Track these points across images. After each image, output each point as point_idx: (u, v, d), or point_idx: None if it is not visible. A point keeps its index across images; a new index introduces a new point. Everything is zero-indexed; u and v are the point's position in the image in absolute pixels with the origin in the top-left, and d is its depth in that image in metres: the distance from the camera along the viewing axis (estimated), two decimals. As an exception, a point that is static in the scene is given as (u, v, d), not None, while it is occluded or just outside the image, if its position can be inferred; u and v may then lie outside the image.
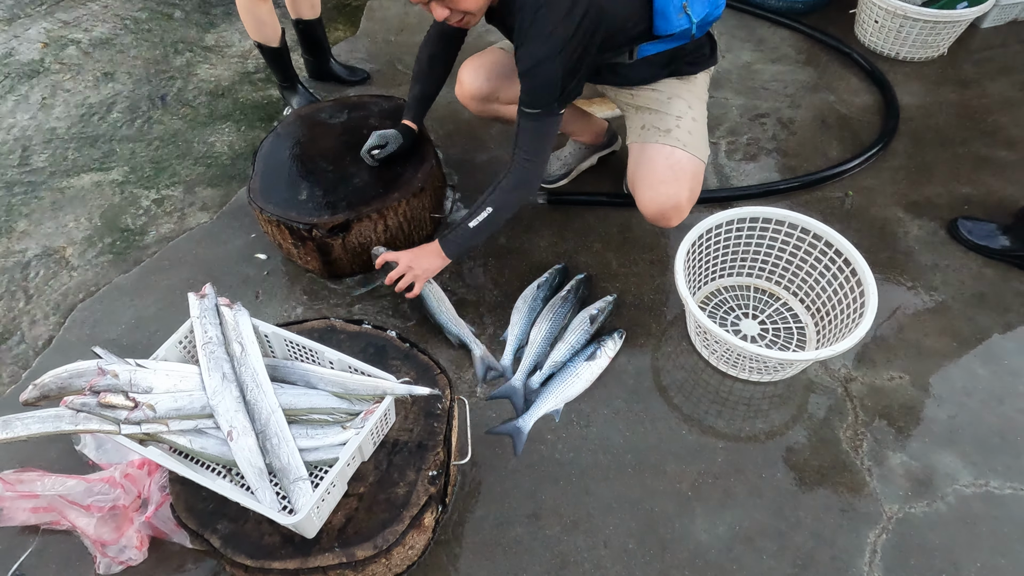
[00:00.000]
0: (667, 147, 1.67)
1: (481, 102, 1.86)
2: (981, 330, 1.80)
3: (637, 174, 1.71)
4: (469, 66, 1.84)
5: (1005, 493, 1.51)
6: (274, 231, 1.82)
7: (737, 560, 1.42)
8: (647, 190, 1.69)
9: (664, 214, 1.70)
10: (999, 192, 2.14)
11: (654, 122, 1.71)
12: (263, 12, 2.12)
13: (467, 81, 1.83)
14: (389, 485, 1.25)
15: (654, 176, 1.67)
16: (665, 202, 1.67)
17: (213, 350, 1.30)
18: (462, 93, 1.87)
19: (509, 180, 1.59)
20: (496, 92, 1.82)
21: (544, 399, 1.65)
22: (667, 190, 1.66)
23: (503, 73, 1.80)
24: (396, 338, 1.47)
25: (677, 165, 1.67)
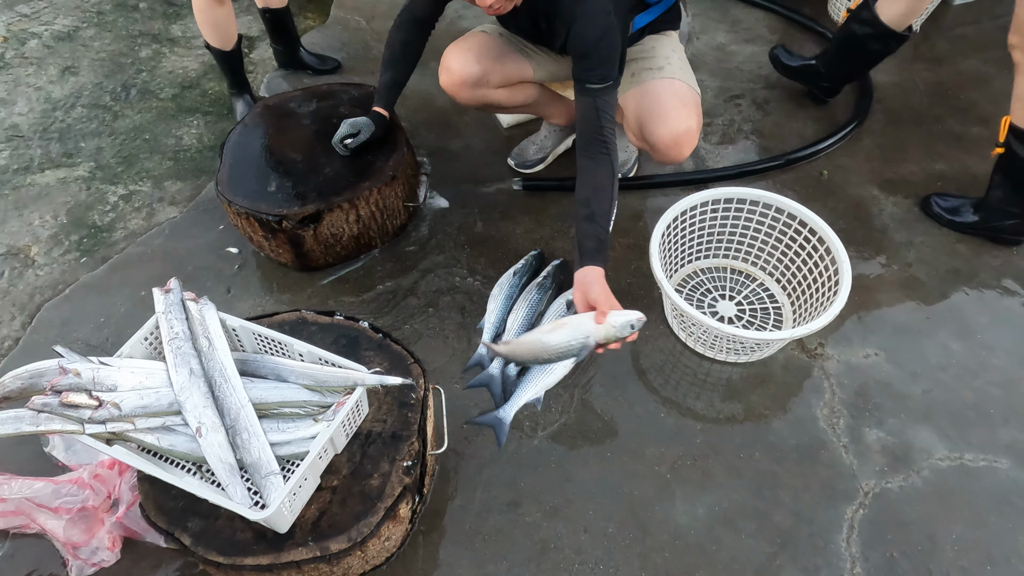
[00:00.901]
0: (666, 80, 1.68)
1: (472, 88, 1.77)
2: (955, 305, 1.81)
3: (642, 112, 1.69)
4: (455, 52, 1.76)
5: (979, 466, 1.52)
6: (244, 224, 1.79)
7: (717, 541, 1.42)
8: (657, 121, 1.66)
9: (678, 142, 1.67)
10: (973, 168, 2.14)
11: (644, 65, 1.72)
12: (220, 16, 2.05)
13: (456, 67, 1.75)
14: (363, 477, 1.23)
15: (662, 107, 1.66)
16: (677, 127, 1.65)
17: (180, 346, 1.27)
18: (450, 80, 1.78)
19: (616, 161, 1.48)
20: (487, 76, 1.75)
21: (524, 388, 1.62)
22: (678, 116, 1.65)
23: (492, 56, 1.75)
24: (369, 328, 1.45)
25: (681, 93, 1.67)
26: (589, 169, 1.47)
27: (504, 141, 2.28)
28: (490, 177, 2.16)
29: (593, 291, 1.41)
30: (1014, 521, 1.44)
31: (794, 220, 1.69)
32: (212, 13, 2.03)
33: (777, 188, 2.10)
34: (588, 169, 1.48)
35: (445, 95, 2.40)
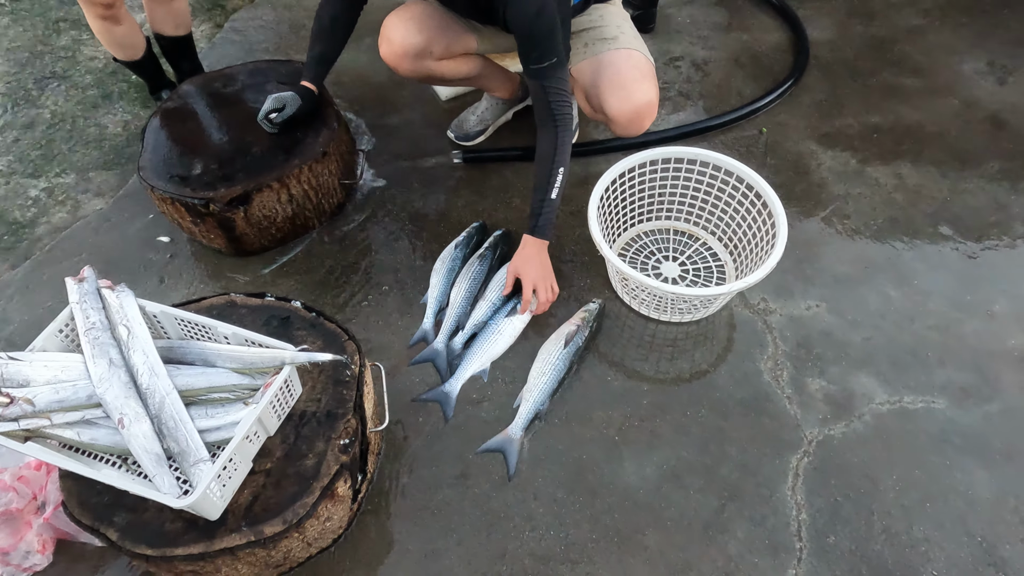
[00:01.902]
0: (623, 51, 1.65)
1: (414, 59, 1.69)
2: (892, 254, 1.83)
3: (601, 84, 1.65)
4: (396, 21, 1.67)
5: (918, 407, 1.55)
6: (171, 210, 1.72)
7: (666, 498, 1.43)
8: (618, 93, 1.63)
9: (639, 114, 1.65)
10: (907, 119, 2.17)
11: (597, 36, 1.68)
12: (119, 34, 1.93)
13: (397, 37, 1.66)
14: (297, 458, 1.20)
15: (621, 79, 1.63)
16: (639, 100, 1.63)
17: (97, 336, 1.22)
18: (391, 51, 1.69)
19: (564, 133, 1.51)
20: (430, 46, 1.68)
21: (469, 360, 1.61)
22: (639, 88, 1.63)
23: (434, 25, 1.68)
24: (301, 307, 1.41)
25: (639, 64, 1.65)
26: (538, 144, 1.54)
27: (444, 114, 2.23)
28: (430, 151, 2.12)
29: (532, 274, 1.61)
30: (951, 459, 1.47)
31: (731, 177, 1.69)
32: (111, 35, 1.91)
33: (718, 147, 2.09)
34: (538, 144, 1.54)
35: (381, 70, 2.36)
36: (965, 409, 1.54)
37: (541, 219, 1.59)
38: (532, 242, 1.62)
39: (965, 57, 2.37)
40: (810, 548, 1.36)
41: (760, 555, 1.35)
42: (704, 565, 1.34)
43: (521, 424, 1.51)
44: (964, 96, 2.24)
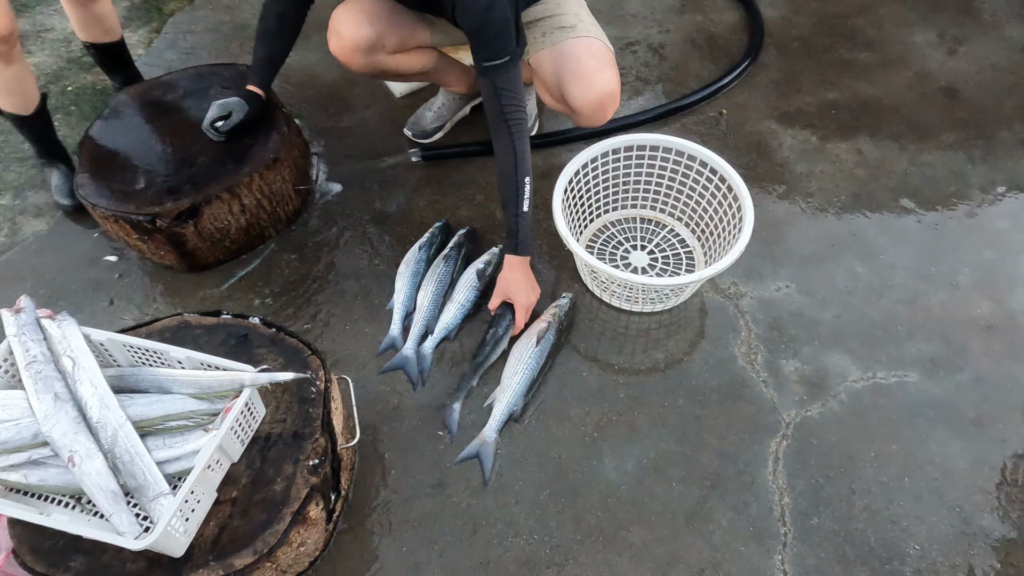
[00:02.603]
0: (583, 39, 1.61)
1: (366, 54, 1.61)
2: (857, 230, 1.84)
3: (562, 74, 1.60)
4: (345, 15, 1.58)
5: (891, 382, 1.56)
6: (115, 228, 1.63)
7: (648, 492, 1.41)
8: (580, 83, 1.59)
9: (603, 103, 1.62)
10: (863, 93, 2.18)
11: (555, 24, 1.64)
12: (10, 77, 1.63)
13: (347, 32, 1.58)
14: (264, 483, 1.14)
15: (582, 68, 1.59)
16: (602, 89, 1.59)
17: (39, 369, 1.14)
18: (341, 46, 1.60)
19: (520, 141, 1.44)
20: (382, 39, 1.60)
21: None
22: (601, 77, 1.59)
23: (385, 17, 1.60)
24: (260, 324, 1.35)
25: (600, 53, 1.61)
26: (496, 152, 1.48)
27: (399, 111, 2.16)
28: (387, 150, 2.05)
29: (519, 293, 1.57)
30: (926, 431, 1.48)
31: (695, 162, 1.67)
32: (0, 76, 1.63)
33: (679, 131, 2.08)
34: (496, 152, 1.47)
35: (331, 69, 2.28)
36: (936, 380, 1.56)
37: (520, 235, 1.52)
38: (515, 262, 1.56)
39: (916, 29, 2.39)
40: (794, 532, 1.36)
41: (745, 542, 1.35)
42: (690, 557, 1.33)
43: (495, 426, 1.47)
44: (917, 68, 2.25)
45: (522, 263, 1.58)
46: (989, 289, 1.71)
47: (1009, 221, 1.84)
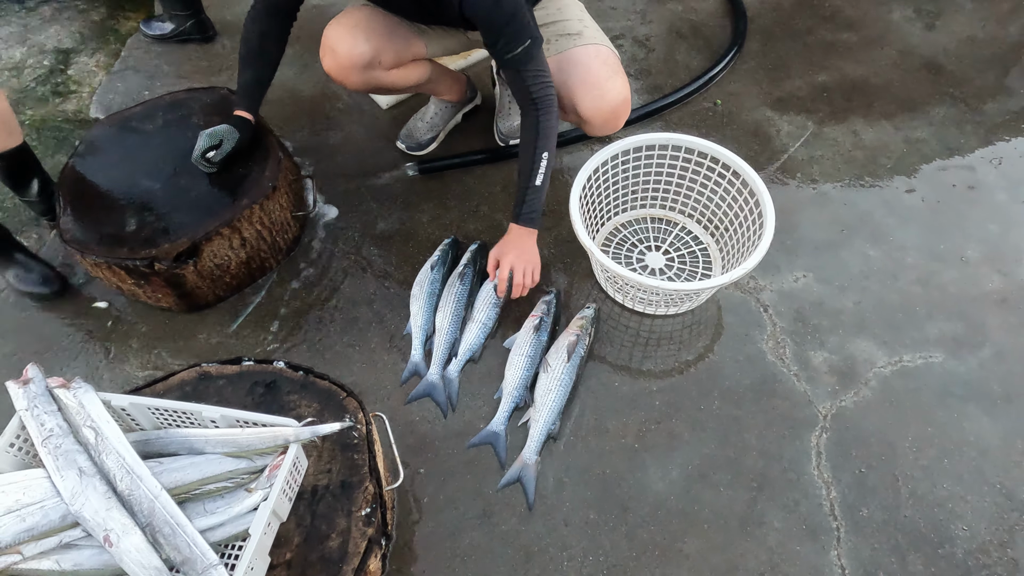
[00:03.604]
0: (591, 46, 1.56)
1: (363, 71, 1.54)
2: (863, 212, 1.85)
3: (572, 84, 1.56)
4: (340, 31, 1.51)
5: (917, 364, 1.57)
6: (107, 275, 1.53)
7: (697, 500, 1.39)
8: (592, 92, 1.55)
9: (616, 113, 1.58)
10: (851, 74, 2.19)
11: (559, 31, 1.58)
12: None
13: (343, 48, 1.50)
14: (319, 540, 1.08)
15: (593, 77, 1.54)
16: (615, 99, 1.56)
17: (58, 443, 1.05)
18: (337, 64, 1.53)
19: (546, 117, 1.43)
20: (379, 55, 1.52)
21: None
22: (613, 86, 1.55)
23: (381, 32, 1.52)
24: (286, 368, 1.27)
25: (609, 60, 1.57)
26: (521, 126, 1.47)
27: (387, 124, 2.09)
28: (381, 166, 1.98)
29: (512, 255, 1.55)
30: (957, 410, 1.50)
31: (705, 158, 1.65)
32: None
33: (674, 125, 2.06)
34: (521, 125, 1.47)
35: (310, 84, 2.19)
36: (960, 359, 1.58)
37: (525, 207, 1.51)
38: (517, 229, 1.55)
39: (893, 6, 2.41)
40: (846, 526, 1.36)
41: (800, 541, 1.34)
42: (748, 562, 1.32)
43: (534, 447, 1.43)
44: (899, 45, 2.28)
45: (525, 233, 1.55)
46: (997, 262, 1.74)
47: (1008, 193, 1.88)
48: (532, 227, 1.54)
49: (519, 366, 1.52)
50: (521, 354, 1.53)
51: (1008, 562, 1.31)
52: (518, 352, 1.54)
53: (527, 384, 1.52)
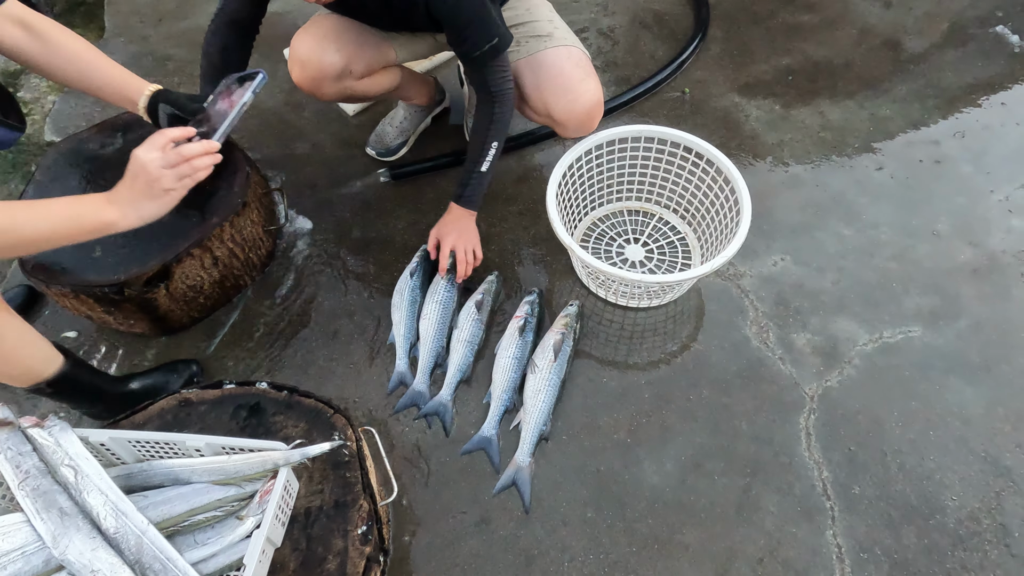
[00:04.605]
0: (562, 48, 1.55)
1: (335, 81, 1.50)
2: (836, 192, 1.87)
3: (544, 87, 1.54)
4: (309, 42, 1.47)
5: (897, 340, 1.60)
6: (74, 304, 1.47)
7: (693, 490, 1.40)
8: (566, 96, 1.53)
9: (590, 114, 1.57)
10: (814, 56, 2.22)
11: (529, 32, 1.57)
12: None
13: (314, 59, 1.46)
14: (316, 564, 1.06)
15: (565, 79, 1.53)
16: (588, 101, 1.54)
17: (37, 484, 1.02)
18: (306, 75, 1.49)
19: (501, 109, 1.47)
20: (350, 64, 1.49)
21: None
22: (586, 88, 1.54)
23: (351, 40, 1.48)
24: (270, 388, 1.24)
25: (581, 62, 1.56)
26: (475, 115, 1.51)
27: (354, 130, 2.05)
28: (352, 174, 1.94)
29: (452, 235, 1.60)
30: (939, 382, 1.53)
31: (678, 147, 1.65)
32: None
33: (644, 116, 2.06)
34: (475, 115, 1.51)
35: (273, 94, 2.14)
36: (938, 331, 1.61)
37: (468, 189, 1.56)
38: (456, 209, 1.59)
39: (849, -15, 2.44)
40: (840, 505, 1.37)
41: (796, 524, 1.35)
42: (747, 548, 1.33)
43: (527, 450, 1.42)
44: (859, 25, 2.31)
45: (465, 214, 1.59)
46: (967, 234, 1.77)
47: (972, 165, 1.91)
48: (472, 209, 1.59)
49: (507, 368, 1.51)
50: (508, 356, 1.52)
51: (997, 528, 1.34)
52: (504, 355, 1.52)
53: (516, 386, 1.50)
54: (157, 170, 1.08)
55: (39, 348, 1.23)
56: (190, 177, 1.12)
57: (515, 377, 1.50)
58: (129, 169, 1.09)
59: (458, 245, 1.58)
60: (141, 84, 1.32)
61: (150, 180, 1.08)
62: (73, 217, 1.06)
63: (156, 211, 1.11)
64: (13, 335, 1.15)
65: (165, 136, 1.10)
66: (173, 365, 1.53)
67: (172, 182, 1.10)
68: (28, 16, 1.20)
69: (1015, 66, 2.16)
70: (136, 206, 1.09)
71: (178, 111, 1.33)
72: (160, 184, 1.09)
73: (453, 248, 1.58)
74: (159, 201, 1.11)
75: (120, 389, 1.42)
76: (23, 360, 1.20)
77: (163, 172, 1.08)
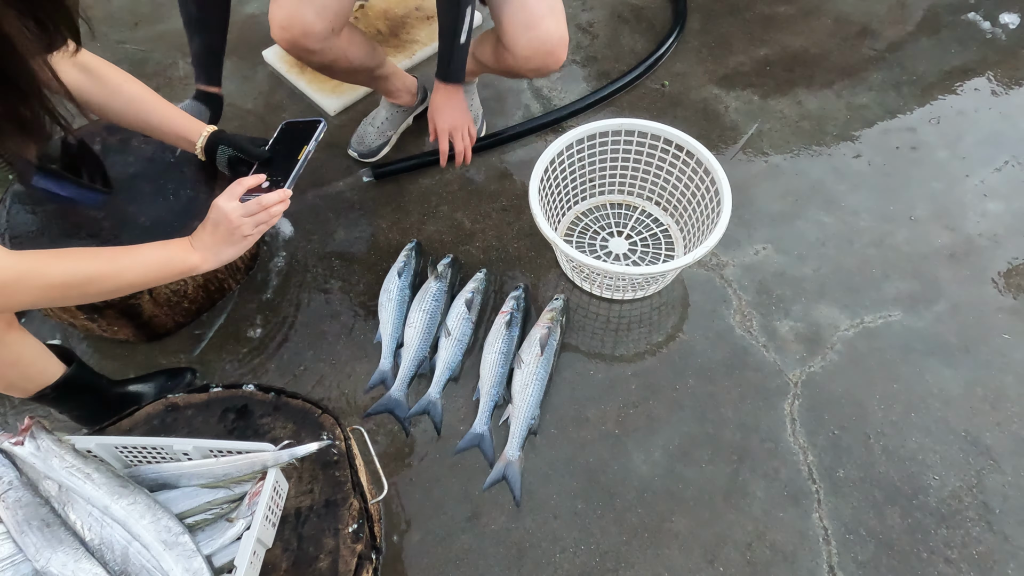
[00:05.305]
0: None
1: (323, 40, 1.46)
2: (815, 181, 1.89)
3: (508, 22, 1.52)
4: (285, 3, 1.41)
5: (878, 324, 1.62)
6: (56, 312, 1.46)
7: (681, 478, 1.41)
8: (526, 32, 1.52)
9: (552, 52, 1.56)
10: (791, 46, 2.24)
11: None
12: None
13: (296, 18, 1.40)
14: (308, 563, 1.06)
15: (529, 14, 1.51)
16: (550, 38, 1.53)
17: (18, 497, 1.01)
18: (290, 35, 1.43)
19: None
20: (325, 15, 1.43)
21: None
22: (549, 25, 1.53)
23: None
24: (257, 391, 1.24)
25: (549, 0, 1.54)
26: None
27: (336, 131, 2.04)
28: (333, 175, 1.94)
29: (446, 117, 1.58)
30: (919, 365, 1.55)
31: (659, 140, 1.66)
32: None
33: (625, 110, 2.07)
34: None
35: (251, 96, 2.14)
36: (918, 315, 1.63)
37: (452, 64, 1.51)
38: (443, 88, 1.56)
39: (824, -24, 2.46)
40: (825, 487, 1.39)
41: (783, 508, 1.37)
42: (735, 533, 1.35)
43: (516, 444, 1.43)
44: (834, 14, 2.33)
45: (452, 90, 1.57)
46: (944, 218, 1.80)
47: (948, 150, 1.94)
48: (458, 83, 1.56)
49: (494, 363, 1.52)
50: (494, 351, 1.52)
51: (979, 505, 1.37)
52: (491, 350, 1.53)
53: (503, 380, 1.51)
54: (238, 219, 1.16)
55: (48, 357, 1.26)
56: (266, 224, 1.21)
57: (503, 371, 1.51)
58: (210, 217, 1.18)
59: (455, 131, 1.60)
60: (199, 125, 1.37)
61: (231, 228, 1.16)
62: (164, 262, 1.13)
63: (234, 255, 1.20)
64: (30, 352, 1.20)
65: (243, 186, 1.19)
66: (170, 371, 1.53)
67: (251, 229, 1.19)
68: (88, 60, 1.22)
69: (987, 52, 2.19)
70: (216, 251, 1.18)
71: (240, 154, 1.37)
72: (240, 231, 1.17)
73: (451, 136, 1.59)
74: (238, 246, 1.19)
75: (116, 392, 1.43)
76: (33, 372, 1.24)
77: (243, 220, 1.17)
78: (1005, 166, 1.90)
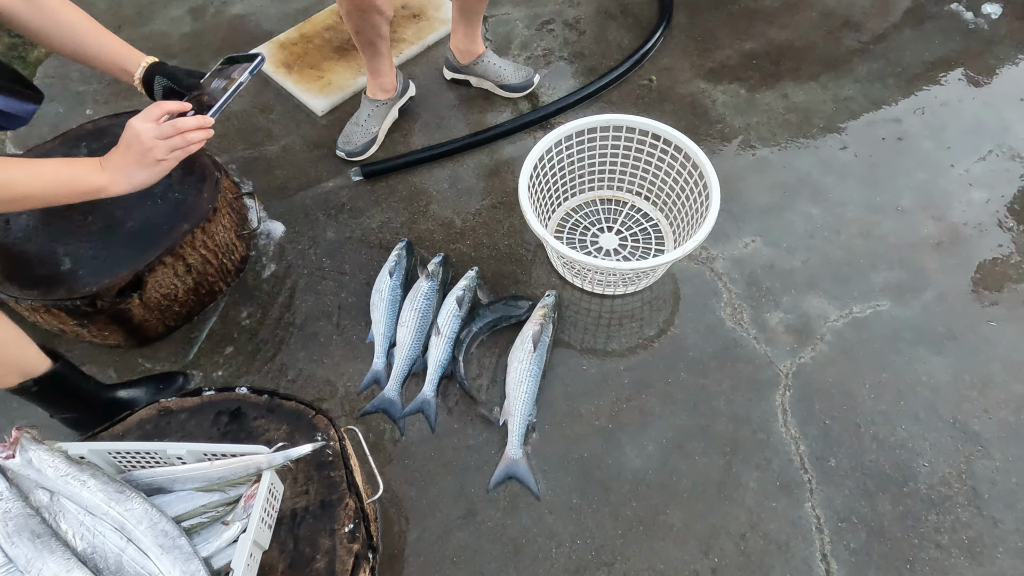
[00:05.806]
0: None
1: None
2: (802, 173, 1.90)
3: None
4: None
5: (867, 314, 1.64)
6: (46, 319, 1.46)
7: (674, 471, 1.42)
8: None
9: None
10: (777, 39, 2.25)
11: None
12: None
13: None
14: (305, 564, 1.06)
15: None
16: None
17: (8, 508, 1.00)
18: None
19: None
20: None
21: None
22: None
23: None
24: (250, 393, 1.24)
25: None
26: None
27: (323, 131, 2.04)
28: (323, 175, 1.94)
29: None
30: (908, 353, 1.57)
31: (647, 135, 1.66)
32: None
33: (612, 105, 2.07)
34: None
35: (239, 99, 2.12)
36: (905, 304, 1.65)
37: None
38: None
39: (808, -32, 2.48)
40: (817, 477, 1.41)
41: (776, 498, 1.39)
42: (729, 525, 1.36)
43: (517, 442, 1.44)
44: (818, 7, 2.34)
45: None
46: (930, 208, 1.82)
47: (933, 141, 1.96)
48: None
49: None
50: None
51: (968, 491, 1.38)
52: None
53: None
54: (151, 140, 1.11)
55: (28, 345, 1.23)
56: (182, 150, 1.15)
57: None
58: (123, 137, 1.12)
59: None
60: (137, 55, 1.32)
61: (143, 149, 1.11)
62: (66, 178, 1.08)
63: (146, 180, 1.14)
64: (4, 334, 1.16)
65: (161, 108, 1.13)
66: (162, 376, 1.52)
67: (164, 153, 1.13)
68: None
69: (970, 42, 2.21)
70: (127, 173, 1.12)
71: (174, 85, 1.32)
72: (153, 154, 1.12)
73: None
74: (150, 170, 1.14)
75: (107, 396, 1.42)
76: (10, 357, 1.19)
77: (156, 142, 1.11)
78: (989, 155, 1.92)
